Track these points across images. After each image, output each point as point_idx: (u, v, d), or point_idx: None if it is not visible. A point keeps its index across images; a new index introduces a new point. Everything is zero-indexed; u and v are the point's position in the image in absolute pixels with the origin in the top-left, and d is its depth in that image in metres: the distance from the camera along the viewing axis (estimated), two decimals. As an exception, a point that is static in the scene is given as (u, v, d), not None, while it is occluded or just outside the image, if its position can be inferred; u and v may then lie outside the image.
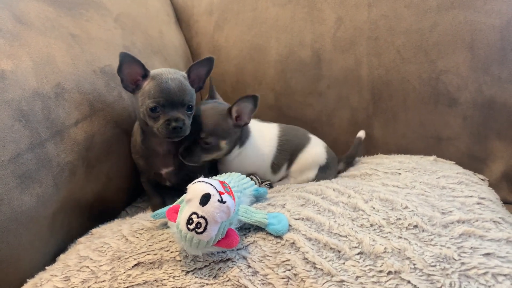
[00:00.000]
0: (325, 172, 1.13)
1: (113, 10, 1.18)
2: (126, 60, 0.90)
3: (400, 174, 1.02)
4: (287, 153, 1.11)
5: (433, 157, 1.16)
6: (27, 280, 0.78)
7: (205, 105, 1.03)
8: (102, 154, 0.97)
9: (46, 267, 0.81)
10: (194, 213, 0.67)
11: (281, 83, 1.30)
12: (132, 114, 1.06)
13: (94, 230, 0.93)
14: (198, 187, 0.70)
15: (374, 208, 0.81)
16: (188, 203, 0.69)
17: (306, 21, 1.28)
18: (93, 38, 1.03)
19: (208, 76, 1.02)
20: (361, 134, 1.22)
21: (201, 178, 0.73)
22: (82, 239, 0.90)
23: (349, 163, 1.21)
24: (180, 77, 0.93)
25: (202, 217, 0.66)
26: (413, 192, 0.88)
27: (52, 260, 0.85)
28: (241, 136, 1.05)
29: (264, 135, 1.11)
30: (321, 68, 1.26)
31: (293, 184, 1.09)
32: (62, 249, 0.88)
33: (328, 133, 1.30)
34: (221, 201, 0.68)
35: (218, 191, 0.69)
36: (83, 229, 0.94)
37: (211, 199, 0.67)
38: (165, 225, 0.85)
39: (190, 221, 0.67)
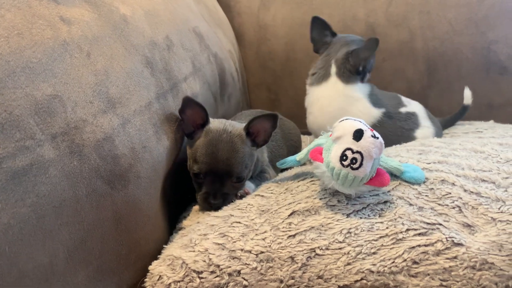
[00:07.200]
0: None
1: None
2: (190, 103, 0.77)
3: (481, 132, 1.06)
4: None
5: (491, 121, 1.22)
6: (164, 246, 0.70)
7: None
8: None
9: (180, 230, 0.74)
10: (349, 148, 0.64)
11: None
12: (218, 79, 1.02)
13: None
14: (348, 123, 0.67)
15: (496, 150, 0.81)
16: (338, 140, 0.66)
17: (358, -2, 1.32)
18: (176, 0, 0.98)
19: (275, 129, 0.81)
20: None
21: (347, 116, 0.71)
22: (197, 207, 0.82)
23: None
24: (234, 140, 0.77)
25: (357, 152, 0.64)
26: (513, 141, 0.90)
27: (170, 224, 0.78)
28: None
29: None
30: (376, 41, 1.29)
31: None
32: (176, 214, 0.81)
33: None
34: (375, 137, 0.66)
35: (368, 128, 0.68)
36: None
37: (364, 134, 0.65)
38: (290, 179, 0.81)
39: (344, 157, 0.64)
